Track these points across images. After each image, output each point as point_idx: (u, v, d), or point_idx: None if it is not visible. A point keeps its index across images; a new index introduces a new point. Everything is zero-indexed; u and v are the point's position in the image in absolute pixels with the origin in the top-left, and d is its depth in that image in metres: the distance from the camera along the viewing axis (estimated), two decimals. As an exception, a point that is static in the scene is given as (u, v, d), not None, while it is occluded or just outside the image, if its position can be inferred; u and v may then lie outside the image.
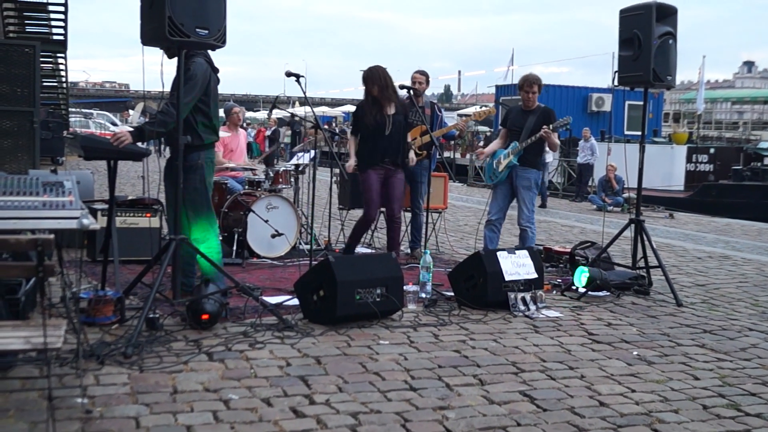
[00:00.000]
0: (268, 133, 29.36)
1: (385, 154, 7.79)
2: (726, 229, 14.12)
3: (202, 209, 5.90)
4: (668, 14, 7.24)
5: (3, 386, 4.03)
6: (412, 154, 8.21)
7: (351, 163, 8.00)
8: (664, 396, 4.49)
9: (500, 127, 8.55)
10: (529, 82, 7.94)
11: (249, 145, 24.03)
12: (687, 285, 7.99)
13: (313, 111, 7.91)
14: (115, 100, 72.27)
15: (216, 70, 5.95)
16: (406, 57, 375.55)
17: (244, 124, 27.31)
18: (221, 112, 9.94)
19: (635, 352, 5.36)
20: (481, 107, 20.15)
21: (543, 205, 17.12)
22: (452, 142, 26.76)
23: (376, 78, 7.73)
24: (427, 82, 8.77)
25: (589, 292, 7.03)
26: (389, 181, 7.89)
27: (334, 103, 72.49)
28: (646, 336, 5.82)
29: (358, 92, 8.17)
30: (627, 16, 7.31)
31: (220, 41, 5.34)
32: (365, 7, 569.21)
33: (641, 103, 7.88)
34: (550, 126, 7.69)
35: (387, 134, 7.74)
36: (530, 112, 7.96)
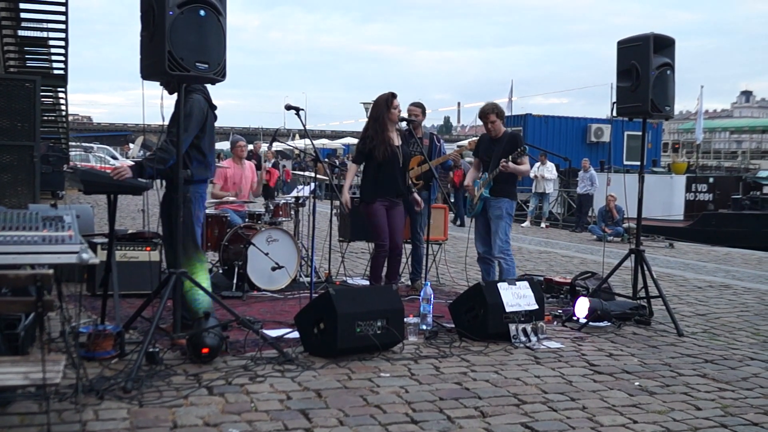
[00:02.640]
0: (268, 165, 29.09)
1: (394, 187, 7.68)
2: (726, 258, 14.12)
3: (189, 244, 5.83)
4: (666, 45, 7.29)
5: (2, 422, 4.00)
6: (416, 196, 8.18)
7: (346, 197, 7.68)
8: (666, 427, 4.46)
9: (473, 157, 8.39)
10: (485, 113, 7.85)
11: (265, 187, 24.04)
12: (688, 314, 7.96)
13: (312, 144, 7.93)
14: (116, 134, 72.50)
15: (214, 107, 5.96)
16: (407, 89, 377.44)
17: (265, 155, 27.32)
18: (227, 145, 10.02)
19: (637, 383, 5.33)
20: (475, 137, 20.39)
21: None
22: (452, 174, 26.80)
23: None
24: (423, 113, 8.64)
25: (590, 323, 7.02)
26: (391, 212, 7.74)
27: (335, 135, 72.80)
28: (648, 366, 5.80)
29: (359, 124, 8.14)
30: (625, 48, 7.36)
31: (219, 75, 5.37)
32: (366, 40, 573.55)
33: (640, 133, 7.91)
34: (509, 157, 7.62)
35: (399, 166, 7.68)
36: (497, 140, 7.87)
